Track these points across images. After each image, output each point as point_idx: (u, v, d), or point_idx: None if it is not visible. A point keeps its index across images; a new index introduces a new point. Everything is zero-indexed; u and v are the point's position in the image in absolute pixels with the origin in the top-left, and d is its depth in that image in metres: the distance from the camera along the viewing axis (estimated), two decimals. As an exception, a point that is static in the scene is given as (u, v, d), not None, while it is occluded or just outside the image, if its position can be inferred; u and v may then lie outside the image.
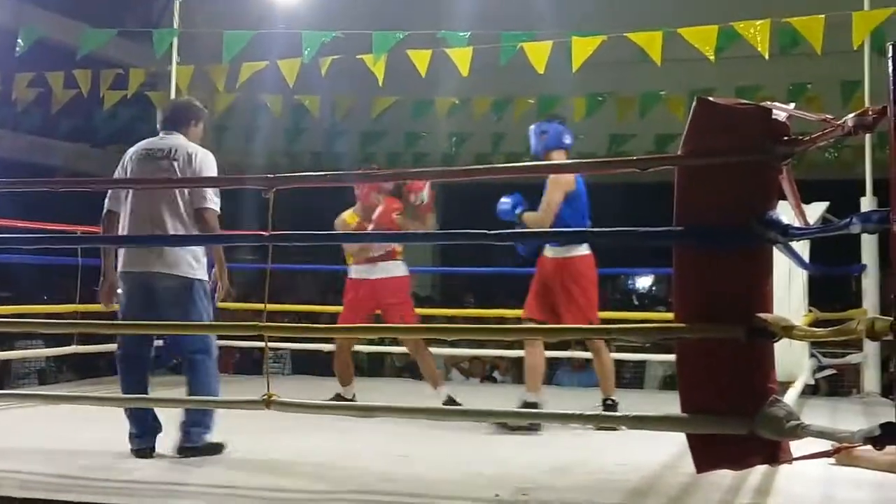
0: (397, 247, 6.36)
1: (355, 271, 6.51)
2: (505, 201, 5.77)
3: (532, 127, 5.82)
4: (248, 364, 9.81)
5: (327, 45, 8.40)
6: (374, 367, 10.26)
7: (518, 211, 5.68)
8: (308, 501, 3.45)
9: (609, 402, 5.49)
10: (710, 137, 3.26)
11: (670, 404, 3.54)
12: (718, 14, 7.75)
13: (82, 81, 9.94)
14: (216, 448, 4.49)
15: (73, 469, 3.99)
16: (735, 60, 8.55)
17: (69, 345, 7.86)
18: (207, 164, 4.89)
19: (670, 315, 3.55)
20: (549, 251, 5.61)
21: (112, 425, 4.89)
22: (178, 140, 4.92)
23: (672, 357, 3.71)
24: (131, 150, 4.96)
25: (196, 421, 4.50)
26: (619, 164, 3.87)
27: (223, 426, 4.95)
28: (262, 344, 7.65)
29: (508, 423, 5.04)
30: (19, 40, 9.14)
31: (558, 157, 5.62)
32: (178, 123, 4.99)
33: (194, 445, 4.44)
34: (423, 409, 5.25)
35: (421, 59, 8.16)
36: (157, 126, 5.03)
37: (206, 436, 4.50)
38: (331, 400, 5.93)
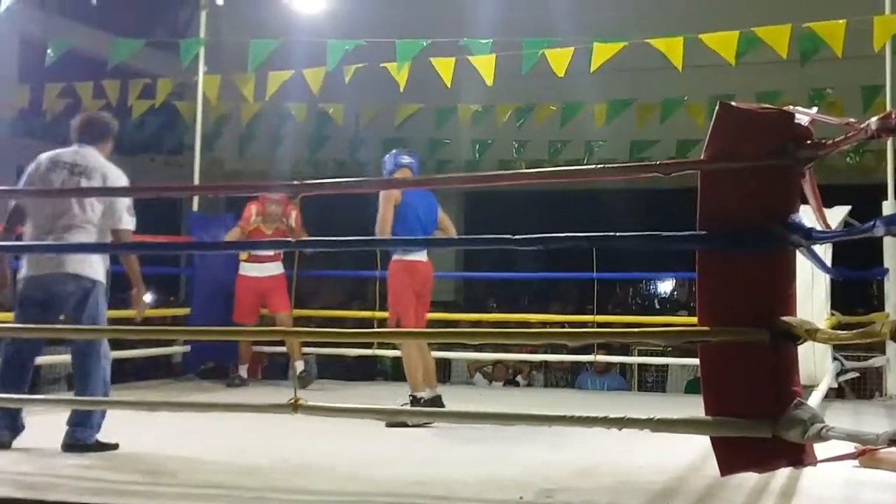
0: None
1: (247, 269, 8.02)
2: None
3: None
4: (275, 369, 9.84)
5: (351, 54, 8.42)
6: (398, 371, 10.26)
7: None
8: (337, 504, 3.45)
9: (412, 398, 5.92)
10: (732, 142, 3.25)
11: (694, 408, 3.52)
12: (739, 20, 7.73)
13: (111, 92, 10.01)
14: (105, 447, 4.55)
15: (102, 472, 4.01)
16: (756, 66, 8.52)
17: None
18: (121, 184, 4.88)
19: (693, 319, 3.53)
20: (419, 255, 6.05)
21: (141, 429, 4.92)
22: (91, 156, 4.88)
23: (695, 361, 3.70)
24: (44, 158, 4.87)
25: (80, 421, 4.57)
26: (642, 168, 3.86)
27: (253, 429, 4.98)
28: (283, 349, 7.68)
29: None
30: (49, 51, 9.21)
31: (402, 175, 6.13)
32: (94, 138, 4.94)
33: (79, 443, 4.52)
34: (448, 412, 5.26)
35: (444, 66, 8.17)
36: (72, 136, 4.96)
37: (92, 435, 4.58)
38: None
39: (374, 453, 4.64)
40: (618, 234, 3.55)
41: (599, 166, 3.89)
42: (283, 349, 8.48)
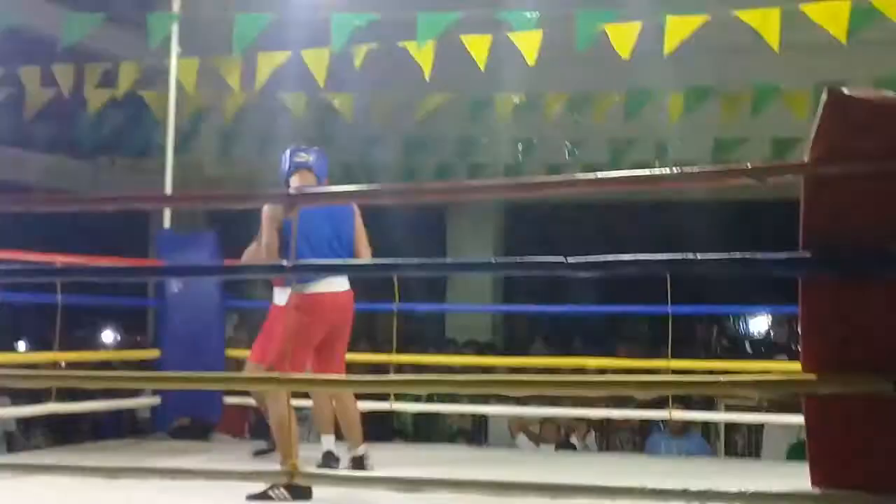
0: None
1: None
2: None
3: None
4: (265, 426, 9.83)
5: (362, 31, 8.45)
6: (421, 430, 10.25)
7: None
8: None
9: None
10: (846, 140, 3.22)
11: (797, 478, 3.48)
12: (851, -13, 7.69)
13: (63, 78, 10.06)
14: None
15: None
16: (873, 45, 8.47)
17: (45, 402, 7.93)
18: None
19: (795, 365, 3.50)
20: (324, 286, 5.95)
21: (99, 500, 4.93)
22: None
23: (799, 418, 3.66)
24: None
25: None
26: (729, 173, 3.83)
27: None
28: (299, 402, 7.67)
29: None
30: (-14, 28, 9.29)
31: (300, 180, 6.16)
32: None
33: None
34: (485, 482, 5.21)
35: (478, 46, 8.18)
36: None
37: None
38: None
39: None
40: (699, 256, 3.53)
41: (675, 171, 3.86)
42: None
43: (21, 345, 12.54)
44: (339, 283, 6.00)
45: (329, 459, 6.30)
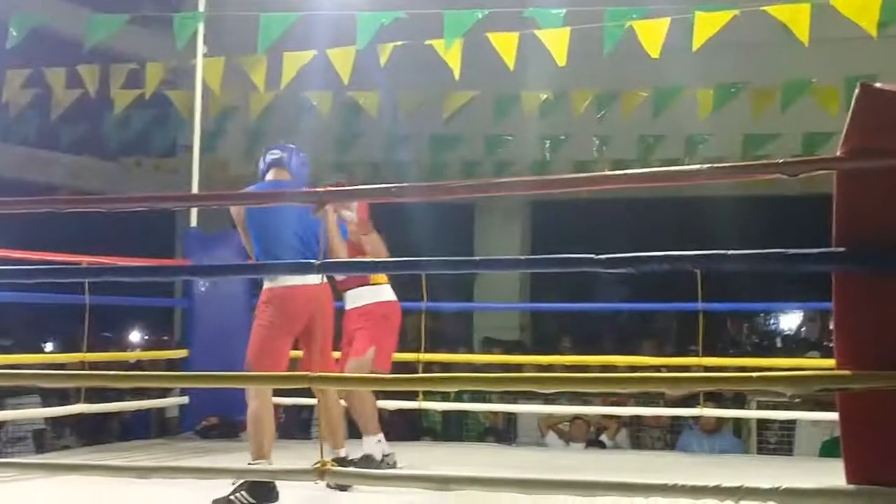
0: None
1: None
2: None
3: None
4: (293, 426, 9.87)
5: (387, 29, 8.46)
6: (450, 429, 10.25)
7: None
8: None
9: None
10: (878, 133, 3.21)
11: (831, 475, 3.47)
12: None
13: (89, 79, 10.12)
14: None
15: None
16: (904, 38, 8.43)
17: (73, 402, 7.98)
18: None
19: (828, 362, 3.49)
20: (296, 279, 5.81)
21: (130, 499, 4.96)
22: None
23: (833, 415, 3.65)
24: None
25: None
26: (759, 169, 3.82)
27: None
28: (309, 401, 7.68)
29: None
30: (11, 30, 9.30)
31: (275, 176, 6.13)
32: None
33: None
34: (511, 480, 5.22)
35: (505, 44, 8.18)
36: None
37: None
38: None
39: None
40: (730, 252, 3.52)
41: (705, 167, 3.85)
42: (304, 401, 8.45)
43: (48, 346, 12.63)
44: (312, 277, 5.72)
45: (367, 463, 6.23)
